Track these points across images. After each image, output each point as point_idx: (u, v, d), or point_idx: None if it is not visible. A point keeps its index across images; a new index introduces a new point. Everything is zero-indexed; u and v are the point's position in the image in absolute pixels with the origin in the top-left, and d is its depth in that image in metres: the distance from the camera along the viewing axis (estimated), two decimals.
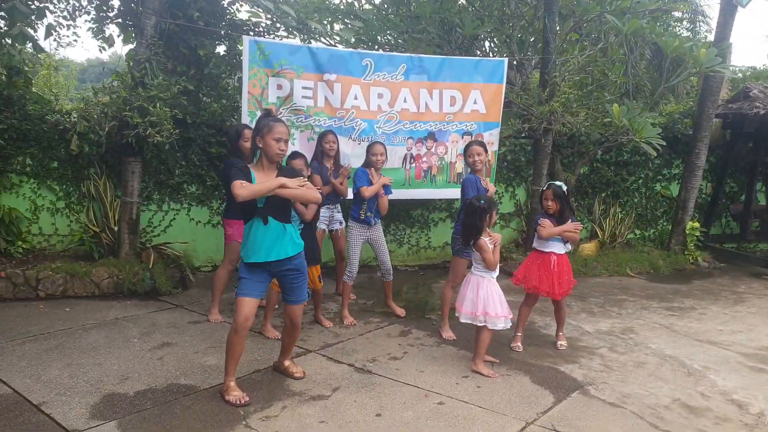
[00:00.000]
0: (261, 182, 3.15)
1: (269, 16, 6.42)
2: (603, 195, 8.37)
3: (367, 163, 4.96)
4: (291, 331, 3.60)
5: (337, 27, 7.64)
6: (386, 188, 5.06)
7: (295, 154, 4.57)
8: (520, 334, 4.48)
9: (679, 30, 12.70)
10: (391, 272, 5.12)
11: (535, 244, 4.41)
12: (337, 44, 8.09)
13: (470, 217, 3.81)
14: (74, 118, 5.66)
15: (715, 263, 7.94)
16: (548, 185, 4.38)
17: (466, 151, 4.82)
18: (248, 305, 3.27)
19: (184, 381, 3.51)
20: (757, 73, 10.88)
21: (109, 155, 5.81)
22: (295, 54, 5.79)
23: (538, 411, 3.29)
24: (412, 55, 6.39)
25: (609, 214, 8.22)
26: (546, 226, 4.23)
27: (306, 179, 3.37)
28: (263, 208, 3.24)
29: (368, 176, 4.85)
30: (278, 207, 3.28)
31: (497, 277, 3.89)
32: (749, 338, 4.75)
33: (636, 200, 8.60)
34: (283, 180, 3.19)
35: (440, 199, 7.31)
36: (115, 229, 5.72)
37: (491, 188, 4.75)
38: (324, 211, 5.42)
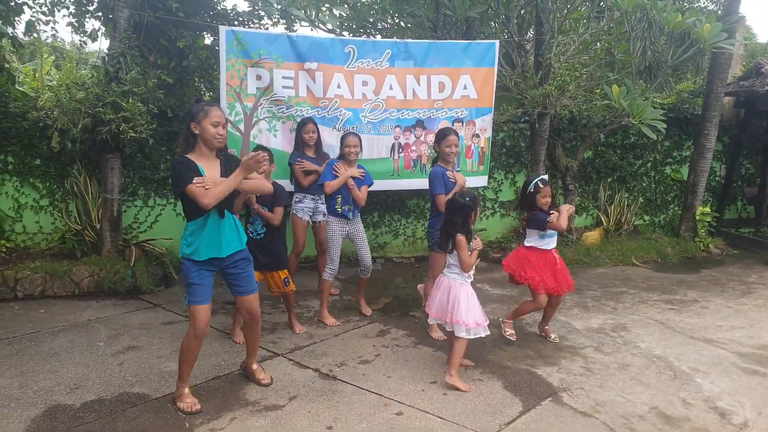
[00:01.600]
0: (220, 182, 3.03)
1: (251, 5, 6.22)
2: (609, 180, 8.03)
3: (342, 156, 4.77)
4: (253, 326, 3.47)
5: (324, 9, 7.38)
6: (366, 178, 4.88)
7: (261, 149, 4.41)
8: (510, 321, 4.38)
9: (705, 3, 12.02)
10: (370, 269, 4.95)
11: (533, 243, 4.19)
12: (324, 30, 7.87)
13: (453, 215, 3.59)
14: (56, 114, 5.57)
15: (729, 250, 7.56)
16: (543, 181, 4.11)
17: (443, 140, 4.55)
18: (206, 312, 3.17)
19: (137, 389, 3.41)
20: None
21: (91, 152, 5.74)
22: (273, 43, 5.59)
23: (502, 422, 3.09)
24: (398, 40, 6.13)
25: (615, 200, 7.88)
26: (557, 218, 4.03)
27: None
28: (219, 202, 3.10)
29: (333, 170, 4.69)
30: (230, 198, 3.19)
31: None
32: (749, 335, 4.46)
33: (644, 185, 8.24)
34: (241, 172, 3.07)
35: None
36: (98, 226, 5.66)
37: (460, 179, 4.50)
38: (308, 203, 5.28)
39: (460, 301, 3.49)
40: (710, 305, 5.26)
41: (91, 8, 6.01)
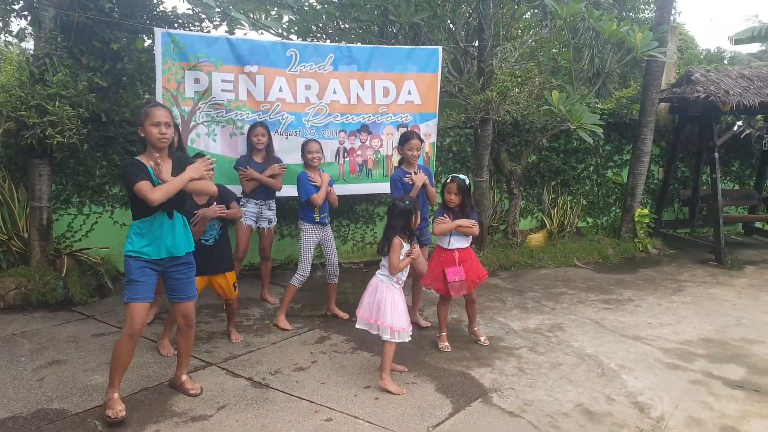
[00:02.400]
0: (169, 180, 3.03)
1: (191, 7, 6.10)
2: (552, 183, 8.22)
3: (306, 164, 4.79)
4: (188, 333, 3.42)
5: (273, 12, 7.31)
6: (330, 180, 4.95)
7: (199, 155, 4.33)
8: (444, 333, 4.33)
9: (648, 13, 12.48)
10: (338, 274, 4.91)
11: (438, 242, 4.23)
12: (273, 34, 7.80)
13: (394, 219, 3.60)
14: None
15: (666, 250, 7.85)
16: (452, 178, 4.18)
17: (405, 144, 4.64)
18: (143, 310, 3.14)
19: (57, 405, 3.27)
20: (711, 56, 10.75)
21: (18, 157, 5.49)
22: (212, 46, 5.50)
23: (431, 424, 3.10)
24: (340, 45, 6.14)
25: (558, 203, 8.07)
26: (440, 222, 4.08)
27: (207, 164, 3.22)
28: (168, 202, 3.06)
29: (309, 180, 4.70)
30: (181, 199, 3.19)
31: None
32: (675, 331, 4.63)
33: (587, 188, 8.47)
34: (190, 173, 3.08)
35: (385, 194, 7.09)
36: (26, 236, 5.42)
37: (418, 180, 4.53)
38: (252, 207, 5.21)
39: (386, 304, 3.49)
40: (643, 304, 5.44)
41: (16, 7, 5.74)
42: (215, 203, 3.94)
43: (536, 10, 8.65)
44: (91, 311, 5.02)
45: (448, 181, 4.15)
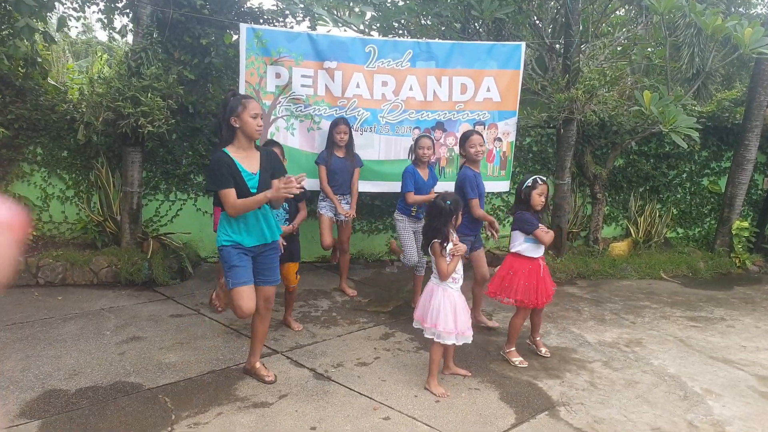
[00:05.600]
0: (251, 198, 3.13)
1: (275, 3, 6.27)
2: (641, 190, 7.72)
3: (416, 159, 4.87)
4: (266, 317, 3.50)
5: (356, 9, 7.38)
6: (434, 179, 5.03)
7: (271, 143, 4.43)
8: (513, 349, 4.04)
9: (762, 9, 11.43)
10: (425, 266, 4.94)
11: (518, 248, 3.99)
12: (355, 30, 7.86)
13: (434, 219, 3.49)
14: (83, 108, 5.75)
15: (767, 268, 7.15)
16: (540, 179, 3.96)
17: (466, 141, 4.54)
18: (250, 292, 3.23)
19: (133, 379, 3.45)
20: None
21: (115, 145, 5.89)
22: (293, 41, 5.61)
23: None
24: (419, 40, 6.06)
25: (645, 211, 7.57)
26: (546, 232, 3.86)
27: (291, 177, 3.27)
28: (257, 193, 3.18)
29: (412, 176, 4.79)
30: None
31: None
32: None
33: (679, 196, 7.88)
34: (268, 195, 3.11)
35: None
36: (119, 218, 5.80)
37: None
38: (330, 201, 5.28)
39: (445, 306, 3.39)
40: (737, 324, 4.97)
41: (119, 5, 6.17)
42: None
43: (629, 6, 8.16)
44: (171, 292, 5.29)
45: (539, 181, 3.88)
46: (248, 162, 3.17)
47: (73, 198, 6.04)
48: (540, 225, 3.89)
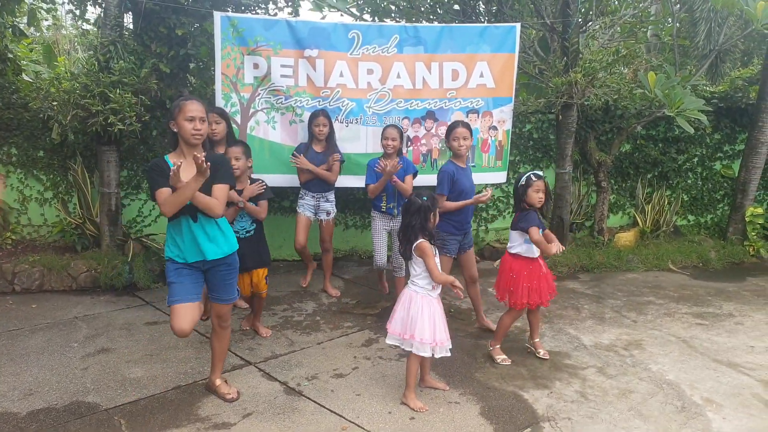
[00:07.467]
0: (178, 189, 2.79)
1: None
2: (648, 176, 7.34)
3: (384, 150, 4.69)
4: (222, 335, 3.27)
5: None
6: (408, 167, 4.75)
7: (236, 142, 4.19)
8: (499, 346, 3.90)
9: None
10: (404, 268, 4.68)
11: (517, 249, 3.75)
12: (349, 15, 7.54)
13: (411, 217, 3.22)
14: (56, 106, 5.53)
15: None
16: (536, 175, 3.67)
17: (450, 134, 4.25)
18: (184, 311, 2.96)
19: (91, 398, 3.25)
20: None
21: (93, 144, 5.68)
22: (271, 29, 5.31)
23: None
24: (407, 24, 5.74)
25: (653, 198, 7.20)
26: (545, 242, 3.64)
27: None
28: (190, 204, 2.91)
29: (373, 168, 4.60)
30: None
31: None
32: None
33: (690, 182, 7.48)
34: (197, 179, 2.78)
35: None
36: (97, 220, 5.61)
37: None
38: (309, 200, 5.05)
39: (424, 315, 3.14)
40: (747, 321, 4.64)
41: None
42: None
43: None
44: (151, 297, 5.10)
45: (533, 178, 3.63)
46: (189, 171, 2.86)
47: (51, 200, 5.86)
48: (546, 233, 3.70)
